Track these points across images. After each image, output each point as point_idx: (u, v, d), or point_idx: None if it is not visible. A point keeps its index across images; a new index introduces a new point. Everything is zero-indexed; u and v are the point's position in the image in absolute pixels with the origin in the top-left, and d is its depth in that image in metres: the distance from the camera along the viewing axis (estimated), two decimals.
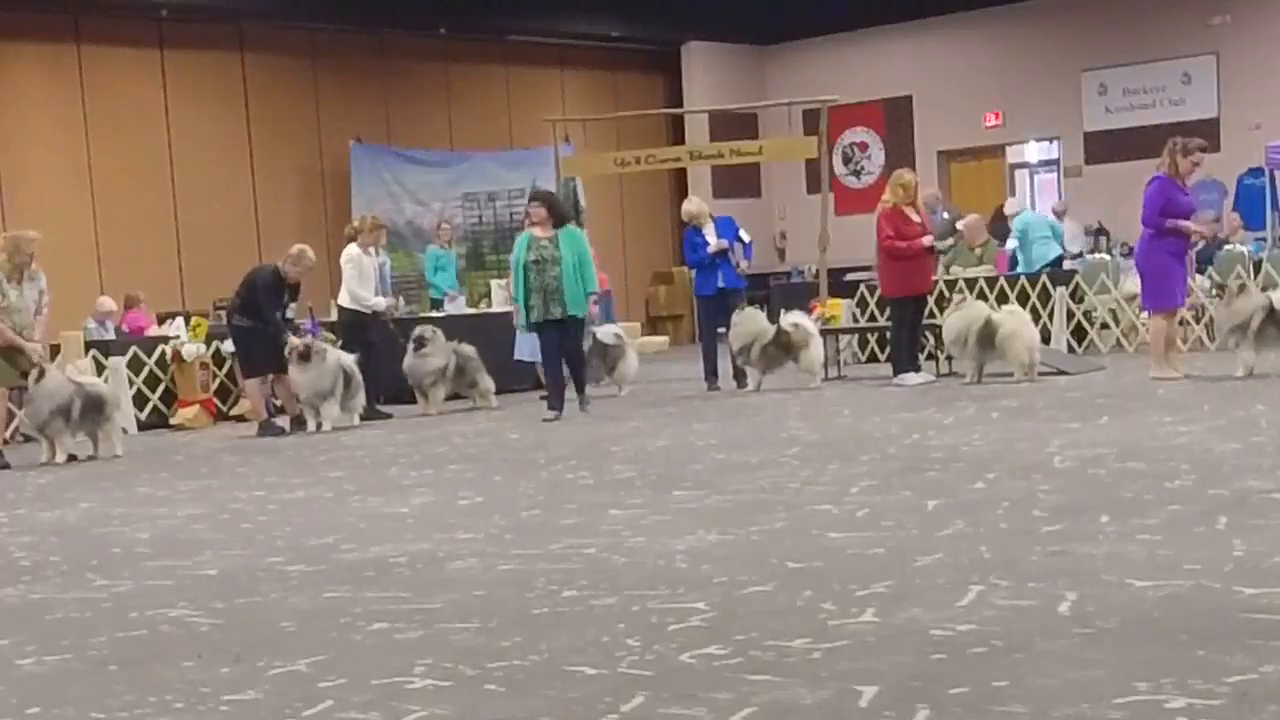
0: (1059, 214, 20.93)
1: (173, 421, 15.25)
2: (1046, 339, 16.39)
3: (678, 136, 25.43)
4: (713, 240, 15.12)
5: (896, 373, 14.53)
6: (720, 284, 15.12)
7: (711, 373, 15.34)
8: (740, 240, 15.23)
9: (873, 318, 17.72)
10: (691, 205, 15.82)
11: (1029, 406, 11.63)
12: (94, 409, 12.34)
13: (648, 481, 8.69)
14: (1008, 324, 13.95)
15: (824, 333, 15.52)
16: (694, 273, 15.90)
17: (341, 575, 6.32)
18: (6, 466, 11.98)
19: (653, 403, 14.34)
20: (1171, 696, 3.83)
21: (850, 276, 19.54)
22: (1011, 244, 19.10)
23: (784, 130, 23.67)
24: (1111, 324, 17.22)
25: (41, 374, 12.13)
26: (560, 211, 13.50)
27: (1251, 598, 4.87)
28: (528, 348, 15.31)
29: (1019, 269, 18.24)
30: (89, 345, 15.54)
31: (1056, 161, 25.65)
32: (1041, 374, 14.03)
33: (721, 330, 15.22)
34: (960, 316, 14.12)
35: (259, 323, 13.83)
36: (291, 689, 4.49)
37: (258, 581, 6.30)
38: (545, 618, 5.24)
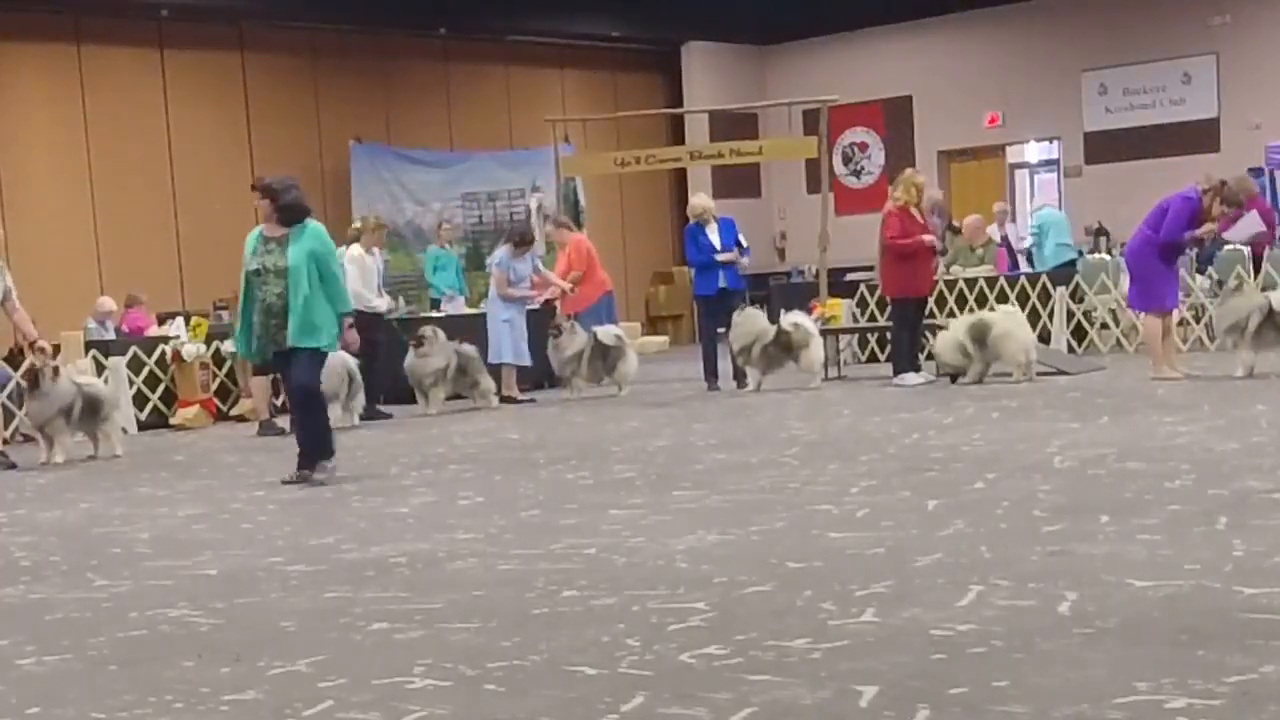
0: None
1: (173, 421, 15.23)
2: (1046, 339, 16.38)
3: (678, 136, 25.42)
4: (716, 240, 15.15)
5: (897, 373, 14.52)
6: (721, 284, 15.14)
7: (711, 373, 15.34)
8: (739, 245, 15.28)
9: (873, 318, 17.71)
10: (699, 201, 15.83)
11: (1029, 406, 11.63)
12: (92, 409, 12.39)
13: (648, 481, 8.69)
14: (1001, 324, 13.94)
15: (824, 333, 15.52)
16: (694, 272, 15.91)
17: (341, 575, 6.32)
18: (13, 467, 11.99)
19: (653, 403, 14.33)
20: (1171, 696, 3.83)
21: (850, 276, 19.50)
22: (1028, 241, 19.08)
23: (784, 130, 23.66)
24: (1111, 324, 17.20)
25: (55, 373, 12.20)
26: (289, 203, 9.81)
27: (1251, 598, 4.87)
28: (509, 350, 15.34)
29: (1035, 266, 18.16)
30: (89, 345, 15.52)
31: (1056, 161, 25.64)
32: (1041, 374, 14.02)
33: (721, 330, 15.22)
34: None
35: None
36: (291, 689, 4.49)
37: (258, 581, 6.30)
38: (545, 618, 5.24)
